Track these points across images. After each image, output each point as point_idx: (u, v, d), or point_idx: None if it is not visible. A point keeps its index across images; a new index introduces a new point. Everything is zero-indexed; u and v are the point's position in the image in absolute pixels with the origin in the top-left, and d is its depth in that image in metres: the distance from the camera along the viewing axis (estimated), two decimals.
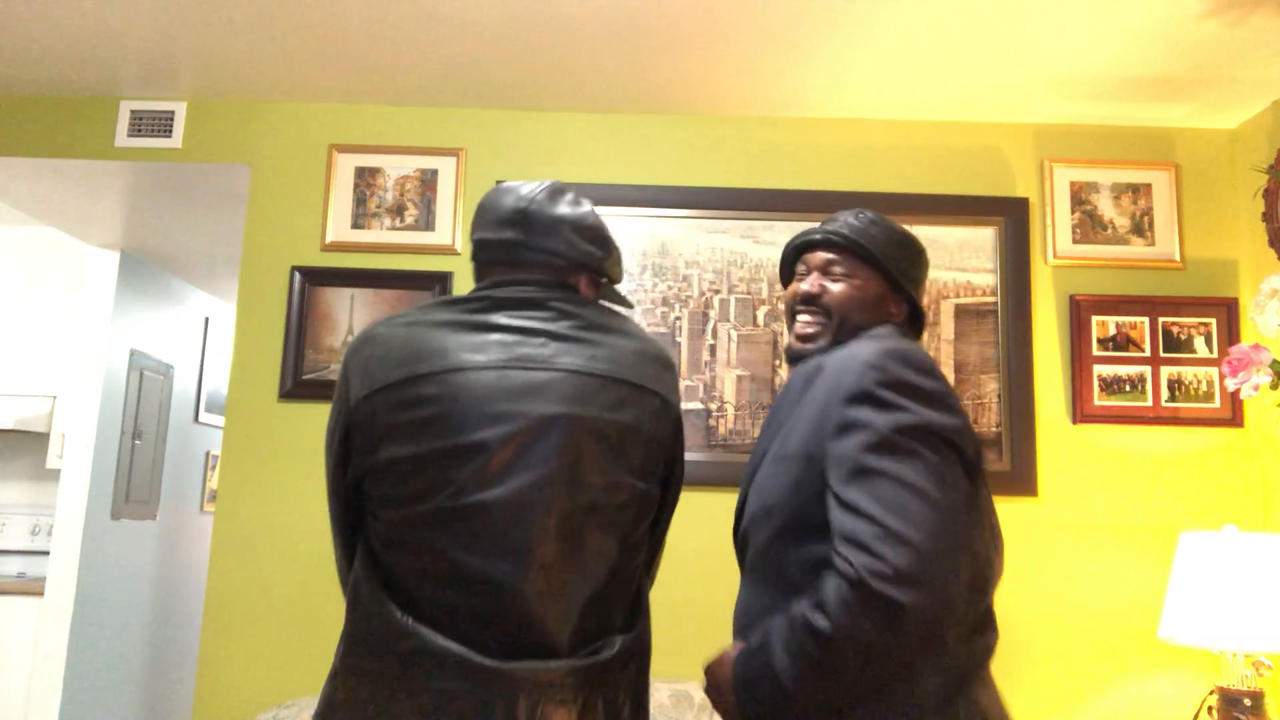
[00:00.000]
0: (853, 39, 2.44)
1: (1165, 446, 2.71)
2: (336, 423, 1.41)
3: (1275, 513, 2.61)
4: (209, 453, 4.75)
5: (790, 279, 1.57)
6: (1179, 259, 2.79)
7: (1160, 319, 2.75)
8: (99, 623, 3.84)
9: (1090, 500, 2.69)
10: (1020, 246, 2.78)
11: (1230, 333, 2.74)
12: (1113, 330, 2.75)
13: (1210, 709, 2.24)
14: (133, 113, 2.91)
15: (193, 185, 3.10)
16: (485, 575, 1.27)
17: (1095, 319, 2.75)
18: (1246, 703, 2.17)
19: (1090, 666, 2.60)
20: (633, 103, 2.84)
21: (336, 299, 2.80)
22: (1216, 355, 2.73)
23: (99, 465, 3.83)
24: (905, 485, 1.20)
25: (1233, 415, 2.70)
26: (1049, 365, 2.75)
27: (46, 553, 4.38)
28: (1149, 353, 2.74)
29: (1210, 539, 2.22)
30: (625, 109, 2.88)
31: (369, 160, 2.88)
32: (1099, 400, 2.72)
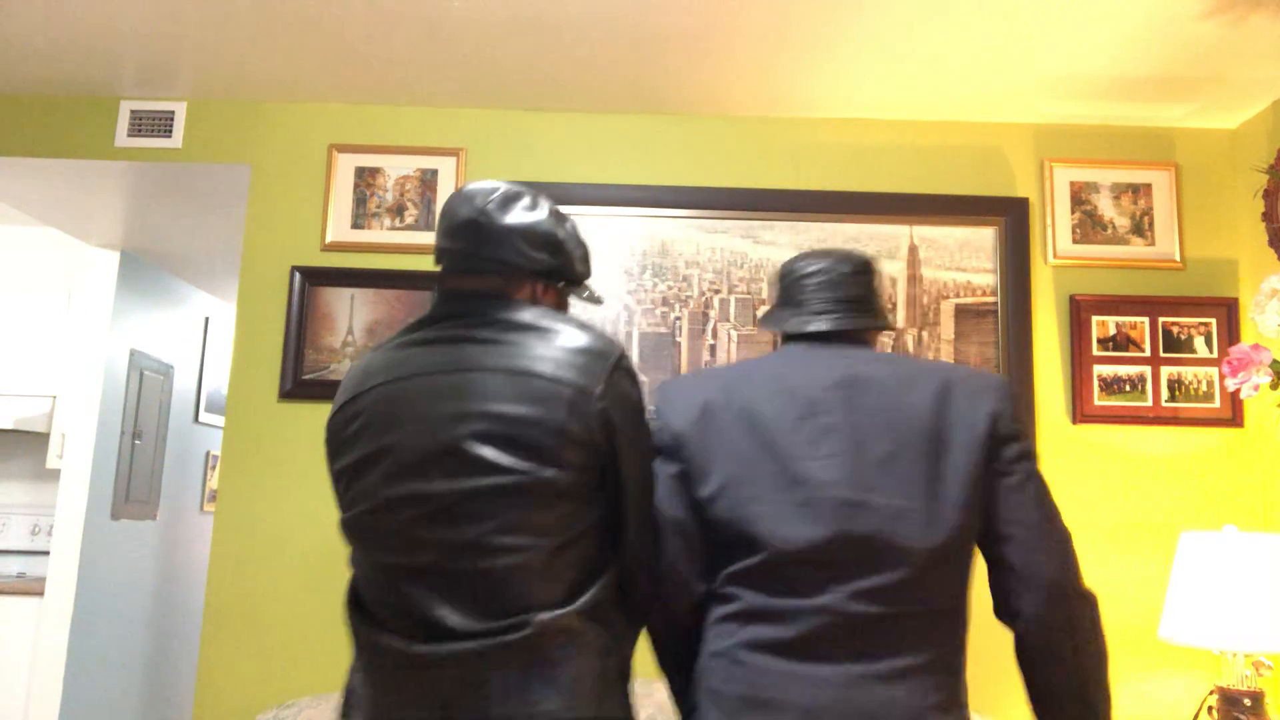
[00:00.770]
0: (853, 39, 2.44)
1: (1165, 446, 2.71)
2: None
3: (1275, 513, 2.61)
4: (209, 453, 4.75)
5: None
6: (1179, 259, 2.79)
7: (1160, 319, 2.75)
8: (99, 623, 3.84)
9: (1090, 500, 2.69)
10: (1020, 246, 2.78)
11: (1230, 333, 2.74)
12: (1113, 330, 2.75)
13: (1210, 709, 2.24)
14: (133, 113, 2.91)
15: (193, 185, 3.10)
16: (394, 568, 1.38)
17: (1095, 319, 2.76)
18: (1246, 703, 2.17)
19: None
20: (633, 103, 2.84)
21: (336, 299, 2.80)
22: (1216, 355, 2.73)
23: (99, 465, 3.83)
24: None
25: (1233, 415, 2.70)
26: (1049, 365, 2.75)
27: (46, 553, 4.38)
28: (1149, 353, 2.74)
29: (1210, 539, 2.22)
30: (625, 109, 2.88)
31: (369, 160, 2.88)
32: (1099, 400, 2.72)
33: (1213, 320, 2.75)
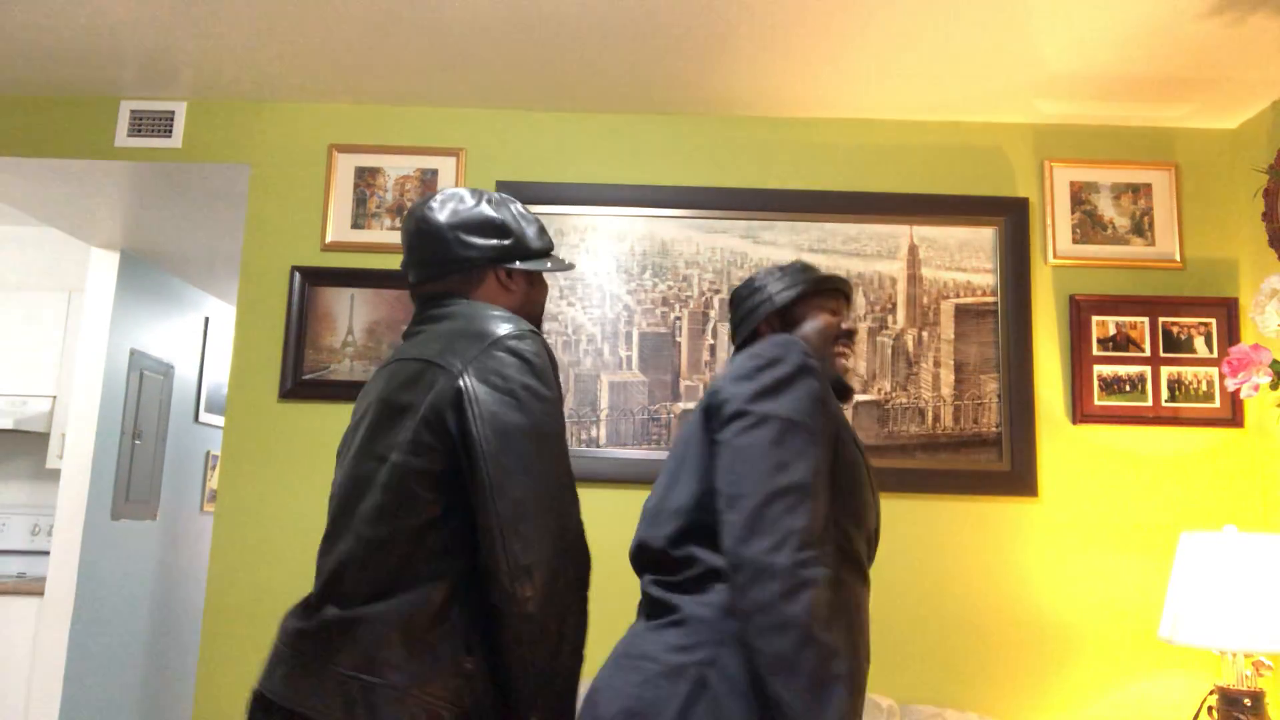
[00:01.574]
0: (853, 39, 2.44)
1: (1165, 446, 2.71)
2: None
3: (1275, 513, 2.61)
4: (209, 453, 4.75)
5: (810, 304, 1.64)
6: (1179, 259, 2.79)
7: (1160, 319, 2.75)
8: (99, 623, 3.84)
9: (1090, 500, 2.69)
10: (1020, 246, 2.78)
11: (1230, 333, 2.74)
12: (1113, 330, 2.75)
13: (1210, 709, 2.24)
14: (133, 113, 2.91)
15: (193, 185, 3.10)
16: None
17: (1095, 319, 2.75)
18: (1246, 703, 2.17)
19: (1090, 666, 2.60)
20: (633, 103, 2.84)
21: (336, 299, 2.80)
22: (1216, 355, 2.73)
23: (99, 465, 3.83)
24: None
25: (1233, 415, 2.70)
26: (1049, 365, 2.75)
27: (46, 553, 4.38)
28: (1149, 353, 2.74)
29: (1210, 539, 2.22)
30: (625, 109, 2.88)
31: (369, 160, 2.88)
32: (1099, 400, 2.72)
33: (1213, 320, 2.75)
